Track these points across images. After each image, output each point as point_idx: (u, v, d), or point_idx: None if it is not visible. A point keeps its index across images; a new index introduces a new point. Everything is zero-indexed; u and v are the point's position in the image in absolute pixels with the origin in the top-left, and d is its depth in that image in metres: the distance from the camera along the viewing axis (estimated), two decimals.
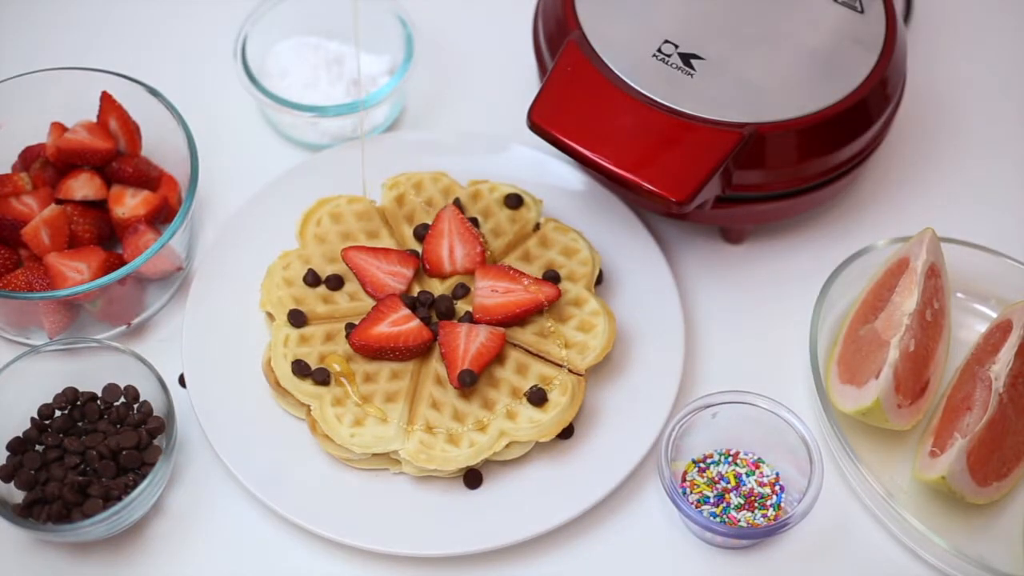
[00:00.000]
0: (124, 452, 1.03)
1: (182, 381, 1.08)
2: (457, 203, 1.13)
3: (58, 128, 1.15)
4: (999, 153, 1.26)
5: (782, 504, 1.04)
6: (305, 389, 1.05)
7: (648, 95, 1.07)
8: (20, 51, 1.29)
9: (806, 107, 1.08)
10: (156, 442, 1.04)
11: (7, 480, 1.02)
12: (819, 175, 1.12)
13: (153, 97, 1.15)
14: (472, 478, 1.04)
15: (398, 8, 1.23)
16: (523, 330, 1.08)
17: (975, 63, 1.32)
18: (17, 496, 1.02)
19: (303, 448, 1.05)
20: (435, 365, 1.06)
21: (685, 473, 1.06)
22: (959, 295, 1.14)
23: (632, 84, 1.08)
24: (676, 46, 1.10)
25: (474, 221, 1.12)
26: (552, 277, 1.10)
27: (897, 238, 1.12)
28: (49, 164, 1.15)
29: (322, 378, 1.05)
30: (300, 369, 1.05)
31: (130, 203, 1.13)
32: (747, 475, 1.05)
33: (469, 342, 1.04)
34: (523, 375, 1.06)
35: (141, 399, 1.06)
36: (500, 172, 1.17)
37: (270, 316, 1.09)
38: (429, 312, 1.08)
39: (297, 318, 1.08)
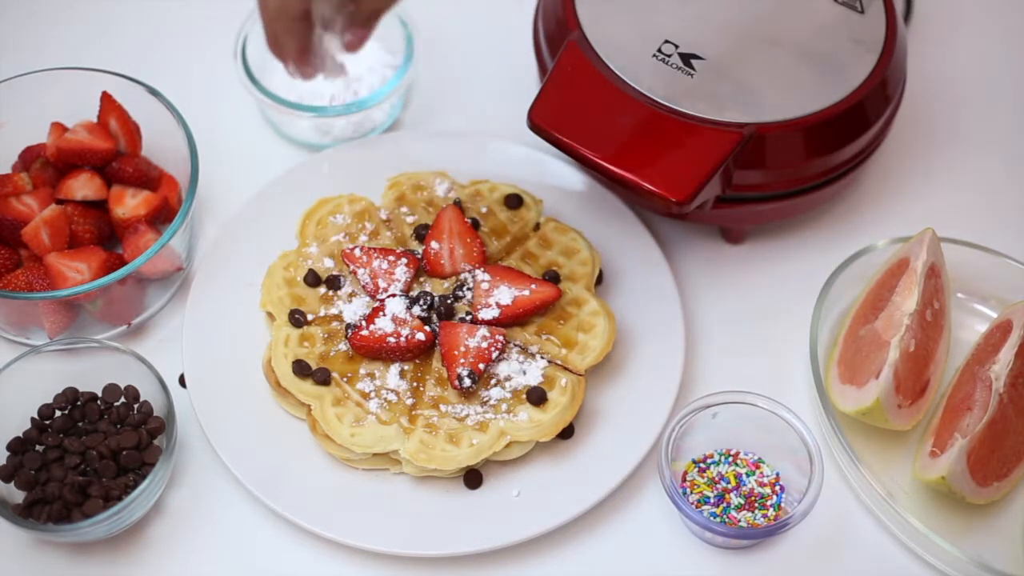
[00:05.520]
0: (124, 452, 1.03)
1: (182, 381, 1.08)
2: (457, 203, 1.13)
3: (58, 128, 1.15)
4: (999, 153, 1.26)
5: (782, 504, 1.04)
6: (306, 389, 1.05)
7: (648, 95, 1.07)
8: (20, 51, 1.29)
9: (806, 107, 1.08)
10: (156, 442, 1.04)
11: (7, 480, 1.02)
12: (819, 175, 1.12)
13: (153, 97, 1.15)
14: (472, 478, 1.04)
15: (398, 8, 1.23)
16: (523, 330, 1.08)
17: (975, 63, 1.32)
18: (17, 496, 1.02)
19: (303, 448, 1.05)
20: (435, 365, 1.06)
21: (685, 473, 1.06)
22: (959, 295, 1.14)
23: (632, 84, 1.08)
24: (676, 46, 1.10)
25: (474, 221, 1.12)
26: (552, 277, 1.10)
27: (897, 238, 1.12)
28: (49, 164, 1.15)
29: (322, 378, 1.05)
30: (301, 369, 1.05)
31: (130, 203, 1.13)
32: (747, 475, 1.05)
33: (469, 342, 1.04)
34: (523, 375, 1.06)
35: (141, 399, 1.06)
36: (500, 172, 1.17)
37: (270, 316, 1.09)
38: (429, 312, 1.08)
39: (297, 318, 1.08)
